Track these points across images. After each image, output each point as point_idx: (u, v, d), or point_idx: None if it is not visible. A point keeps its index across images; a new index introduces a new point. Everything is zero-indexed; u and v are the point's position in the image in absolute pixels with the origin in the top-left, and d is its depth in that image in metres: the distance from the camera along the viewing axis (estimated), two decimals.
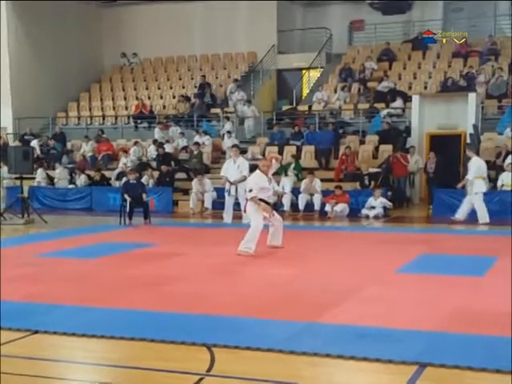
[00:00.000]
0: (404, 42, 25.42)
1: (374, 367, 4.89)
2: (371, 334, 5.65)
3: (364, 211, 16.12)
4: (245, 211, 11.43)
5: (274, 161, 11.03)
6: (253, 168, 16.61)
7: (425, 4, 25.77)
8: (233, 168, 15.02)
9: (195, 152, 20.17)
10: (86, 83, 27.51)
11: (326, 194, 16.64)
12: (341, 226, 15.15)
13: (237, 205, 15.17)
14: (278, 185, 16.18)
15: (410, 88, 22.44)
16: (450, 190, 16.58)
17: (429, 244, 11.60)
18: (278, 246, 10.73)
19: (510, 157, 16.56)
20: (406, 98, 20.92)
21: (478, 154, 17.78)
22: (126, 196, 15.06)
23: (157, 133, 22.57)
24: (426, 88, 22.24)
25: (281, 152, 19.39)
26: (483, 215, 14.69)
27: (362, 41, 26.47)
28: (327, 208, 16.30)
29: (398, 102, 21.06)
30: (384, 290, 7.59)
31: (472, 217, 14.92)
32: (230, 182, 14.96)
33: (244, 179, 15.10)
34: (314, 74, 26.16)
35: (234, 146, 16.86)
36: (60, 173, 20.38)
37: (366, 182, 17.48)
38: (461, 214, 14.88)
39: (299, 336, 5.68)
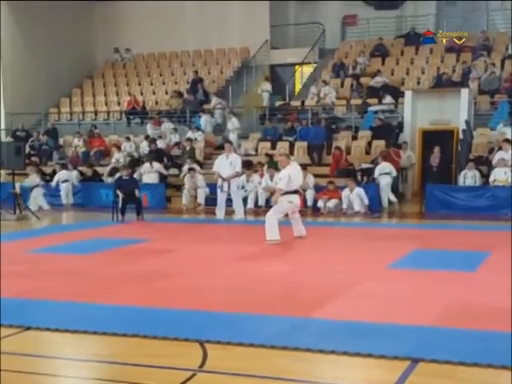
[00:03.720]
0: (397, 38, 25.41)
1: (366, 362, 4.89)
2: (364, 330, 5.66)
3: None
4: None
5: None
6: (245, 164, 16.67)
7: None
8: (225, 164, 14.97)
9: (188, 148, 20.12)
10: (78, 79, 27.39)
11: (318, 189, 16.64)
12: (333, 221, 15.17)
13: (229, 201, 15.16)
14: (271, 180, 16.10)
15: (402, 83, 22.41)
16: (442, 185, 16.65)
17: (421, 239, 11.61)
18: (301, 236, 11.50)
19: (499, 152, 16.59)
20: (398, 94, 20.91)
21: (470, 149, 17.91)
22: (118, 192, 15.04)
23: (149, 129, 22.50)
24: (418, 83, 22.22)
25: (273, 148, 19.44)
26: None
27: (354, 36, 26.43)
28: (320, 204, 16.31)
29: (388, 99, 21.05)
30: (376, 286, 7.60)
31: (466, 211, 14.96)
32: (222, 178, 14.91)
33: (237, 175, 15.10)
34: (307, 70, 26.13)
35: (227, 141, 16.81)
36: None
37: (359, 177, 17.47)
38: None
39: (292, 331, 5.67)
